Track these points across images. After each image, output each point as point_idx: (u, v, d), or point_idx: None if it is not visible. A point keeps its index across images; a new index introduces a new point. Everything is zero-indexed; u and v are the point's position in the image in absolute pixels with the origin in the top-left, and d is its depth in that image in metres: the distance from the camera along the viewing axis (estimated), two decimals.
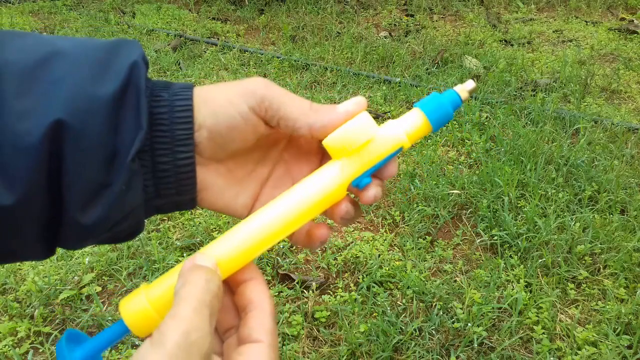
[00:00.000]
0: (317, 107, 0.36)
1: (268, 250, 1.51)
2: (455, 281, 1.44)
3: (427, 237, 1.60)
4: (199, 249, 1.60)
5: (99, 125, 0.31)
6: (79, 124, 0.30)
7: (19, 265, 1.48)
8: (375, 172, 0.36)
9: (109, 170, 0.32)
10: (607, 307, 1.35)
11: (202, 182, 0.36)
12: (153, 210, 0.36)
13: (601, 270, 1.47)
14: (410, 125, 0.36)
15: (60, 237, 0.33)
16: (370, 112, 2.48)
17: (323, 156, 0.39)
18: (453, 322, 1.30)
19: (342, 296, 1.38)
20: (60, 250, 1.51)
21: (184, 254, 1.51)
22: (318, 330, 1.30)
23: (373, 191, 0.36)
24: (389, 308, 1.33)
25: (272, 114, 0.35)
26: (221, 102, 0.35)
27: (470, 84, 0.37)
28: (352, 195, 0.38)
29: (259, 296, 0.34)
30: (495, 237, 1.56)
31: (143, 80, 0.33)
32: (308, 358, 1.24)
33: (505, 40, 3.15)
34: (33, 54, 0.31)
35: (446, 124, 0.37)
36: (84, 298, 1.38)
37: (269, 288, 1.45)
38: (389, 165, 0.36)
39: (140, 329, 0.33)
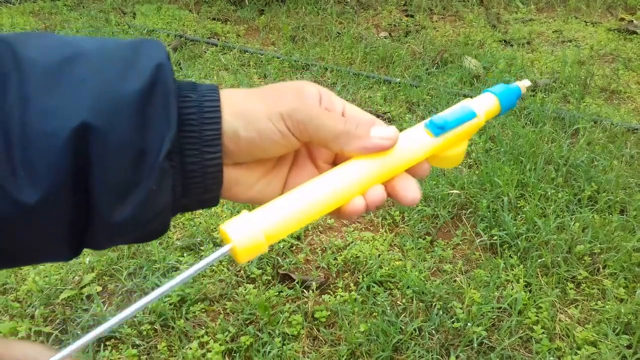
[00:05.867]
0: (349, 129, 0.36)
1: (269, 250, 1.52)
2: (455, 281, 1.45)
3: (427, 237, 1.60)
4: (199, 249, 1.60)
5: (125, 124, 0.31)
6: (104, 125, 0.30)
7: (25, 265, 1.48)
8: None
9: (137, 170, 0.32)
10: (607, 307, 1.35)
11: (234, 179, 0.37)
12: (180, 208, 0.36)
13: (601, 270, 1.48)
14: (484, 102, 0.42)
15: (88, 237, 0.33)
16: (369, 113, 2.49)
17: None
18: (453, 322, 1.30)
19: (342, 296, 1.38)
20: None
21: (184, 254, 1.51)
22: (318, 330, 1.30)
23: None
24: (388, 308, 1.34)
25: (305, 135, 0.36)
26: (262, 119, 0.35)
27: (527, 82, 0.44)
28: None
29: None
30: (495, 237, 1.56)
31: (172, 81, 0.33)
32: (308, 358, 1.24)
33: (505, 41, 3.16)
34: (56, 54, 0.31)
35: (509, 111, 0.43)
36: (84, 298, 1.38)
37: (269, 288, 1.45)
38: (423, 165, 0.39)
39: (245, 257, 0.34)
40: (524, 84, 0.44)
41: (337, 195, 0.36)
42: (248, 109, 0.35)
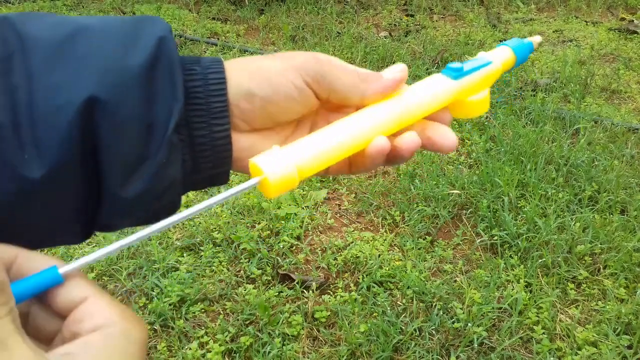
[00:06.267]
0: (364, 77, 0.37)
1: (268, 250, 1.51)
2: (455, 281, 1.44)
3: (427, 237, 1.60)
4: (199, 249, 1.60)
5: (132, 98, 0.31)
6: (111, 99, 0.30)
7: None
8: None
9: (146, 143, 0.32)
10: (607, 307, 1.35)
11: (250, 147, 0.37)
12: (190, 185, 0.36)
13: (601, 270, 1.47)
14: (499, 53, 0.44)
15: (99, 217, 0.33)
16: None
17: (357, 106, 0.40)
18: (453, 322, 1.30)
19: (342, 296, 1.38)
20: (60, 251, 1.51)
21: (184, 254, 1.51)
22: (318, 331, 1.30)
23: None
24: (389, 308, 1.33)
25: (324, 88, 0.36)
26: (276, 75, 0.35)
27: (538, 37, 0.47)
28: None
29: (89, 291, 0.28)
30: (496, 237, 1.55)
31: (175, 53, 0.33)
32: (308, 358, 1.24)
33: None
34: (59, 31, 0.31)
35: (523, 63, 0.48)
36: None
37: (269, 289, 1.45)
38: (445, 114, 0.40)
39: (277, 190, 0.33)
40: (535, 39, 0.46)
41: (365, 133, 0.36)
42: (262, 68, 0.35)
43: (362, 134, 0.36)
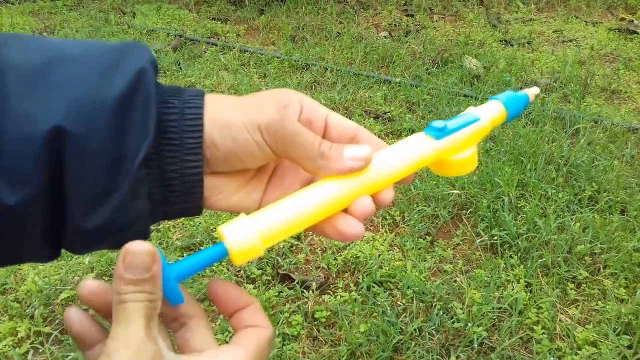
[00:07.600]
0: (324, 152, 0.36)
1: (268, 250, 1.51)
2: (455, 281, 1.44)
3: (427, 237, 1.60)
4: (199, 249, 1.60)
5: (103, 130, 0.30)
6: (80, 130, 0.30)
7: (19, 265, 1.48)
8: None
9: (113, 176, 0.31)
10: (607, 307, 1.35)
11: (214, 187, 0.36)
12: (160, 215, 0.35)
13: (601, 270, 1.47)
14: (488, 108, 0.42)
15: (65, 242, 0.33)
16: (369, 113, 2.43)
17: None
18: (453, 322, 1.30)
19: (342, 296, 1.38)
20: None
21: (184, 254, 1.51)
22: (318, 330, 1.30)
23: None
24: (389, 308, 1.33)
25: (282, 150, 0.36)
26: (240, 131, 0.35)
27: (535, 89, 0.45)
28: None
29: (249, 299, 0.37)
30: (495, 237, 1.55)
31: (152, 86, 0.32)
32: (308, 358, 1.24)
33: (505, 41, 3.15)
34: (37, 58, 0.31)
35: (516, 118, 0.43)
36: None
37: (269, 289, 1.45)
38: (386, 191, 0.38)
39: (241, 259, 0.34)
40: (532, 91, 0.44)
41: (332, 203, 0.36)
42: (226, 118, 0.35)
43: (328, 204, 0.36)
